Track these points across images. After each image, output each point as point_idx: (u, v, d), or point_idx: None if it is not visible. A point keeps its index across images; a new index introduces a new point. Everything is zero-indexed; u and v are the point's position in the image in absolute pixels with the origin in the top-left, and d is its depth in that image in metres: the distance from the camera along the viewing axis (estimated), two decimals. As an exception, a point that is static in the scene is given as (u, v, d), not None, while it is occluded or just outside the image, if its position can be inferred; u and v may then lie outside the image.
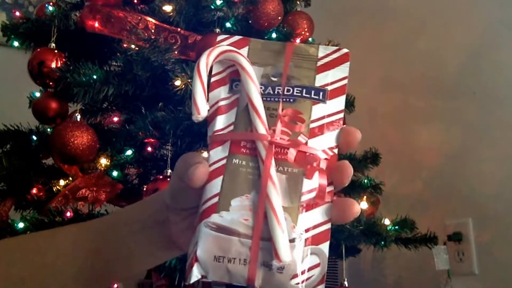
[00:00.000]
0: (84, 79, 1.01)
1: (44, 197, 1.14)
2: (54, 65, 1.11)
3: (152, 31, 1.17)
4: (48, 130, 1.21)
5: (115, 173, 1.15)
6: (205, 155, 0.38)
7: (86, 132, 1.02)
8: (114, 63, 1.19)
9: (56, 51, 1.14)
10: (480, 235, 1.47)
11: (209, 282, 1.16)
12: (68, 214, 1.00)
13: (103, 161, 1.14)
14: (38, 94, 1.18)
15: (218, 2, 1.19)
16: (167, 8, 1.21)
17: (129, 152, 1.20)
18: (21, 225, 0.99)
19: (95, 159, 1.11)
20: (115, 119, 1.29)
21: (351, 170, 0.37)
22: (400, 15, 1.83)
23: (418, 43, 1.74)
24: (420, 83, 1.72)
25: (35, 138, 1.22)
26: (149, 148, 1.24)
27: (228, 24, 1.22)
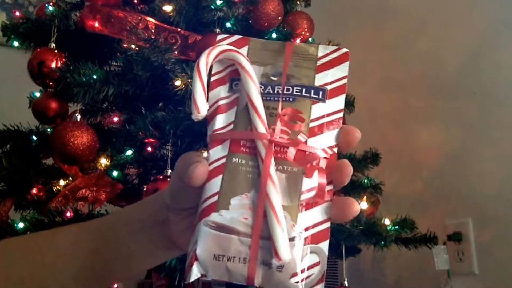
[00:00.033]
0: (84, 79, 1.01)
1: (44, 197, 1.13)
2: (54, 65, 1.11)
3: (152, 31, 1.17)
4: (48, 130, 1.21)
5: (115, 173, 1.15)
6: (205, 155, 0.38)
7: (86, 132, 1.02)
8: (114, 63, 1.19)
9: (56, 51, 1.14)
10: (480, 235, 1.47)
11: (209, 281, 1.16)
12: (68, 214, 1.00)
13: (103, 161, 1.14)
14: (38, 94, 1.18)
15: (218, 2, 1.19)
16: (167, 8, 1.21)
17: (129, 152, 1.20)
18: (21, 225, 0.98)
19: (95, 159, 1.11)
20: (115, 119, 1.29)
21: (350, 169, 0.37)
22: (400, 15, 1.83)
23: (418, 43, 1.74)
24: (420, 83, 1.72)
25: (35, 138, 1.22)
26: (149, 148, 1.24)
27: (228, 24, 1.22)
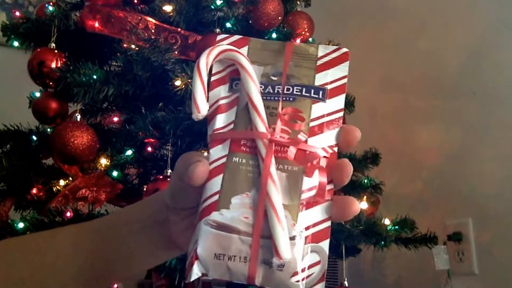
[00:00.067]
0: (84, 79, 1.01)
1: (44, 197, 1.13)
2: (54, 65, 1.11)
3: (152, 31, 1.17)
4: (48, 130, 1.21)
5: (115, 173, 1.15)
6: (205, 155, 0.38)
7: (86, 132, 1.02)
8: (114, 63, 1.19)
9: (56, 51, 1.14)
10: (480, 235, 1.47)
11: (209, 281, 1.16)
12: (68, 214, 1.00)
13: (103, 161, 1.14)
14: (38, 94, 1.18)
15: (218, 2, 1.19)
16: (167, 8, 1.21)
17: (129, 152, 1.20)
18: (21, 225, 0.98)
19: (95, 159, 1.11)
20: (115, 119, 1.29)
21: (351, 168, 0.37)
22: (400, 15, 1.83)
23: (418, 43, 1.74)
24: (420, 83, 1.72)
25: (35, 138, 1.22)
26: (149, 148, 1.24)
27: (228, 24, 1.22)
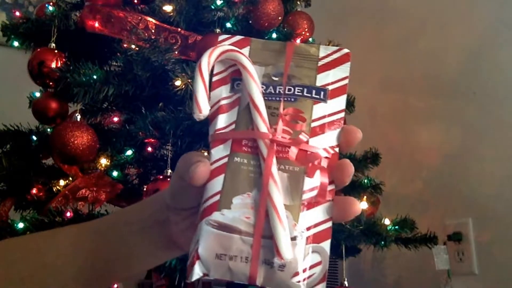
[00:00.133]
0: (84, 79, 1.01)
1: (44, 197, 1.13)
2: (54, 65, 1.11)
3: (152, 31, 1.17)
4: (48, 130, 1.21)
5: (115, 173, 1.15)
6: (205, 155, 0.38)
7: (86, 132, 1.02)
8: (114, 63, 1.19)
9: (56, 51, 1.15)
10: (480, 235, 1.47)
11: (209, 281, 1.16)
12: (68, 214, 1.00)
13: (103, 161, 1.14)
14: (38, 94, 1.18)
15: (219, 2, 1.19)
16: (167, 8, 1.21)
17: (129, 152, 1.20)
18: (21, 225, 0.98)
19: (95, 159, 1.11)
20: (115, 119, 1.29)
21: (352, 169, 0.37)
22: (400, 15, 1.83)
23: (418, 43, 1.74)
24: (420, 83, 1.72)
25: (35, 138, 1.22)
26: (149, 148, 1.24)
27: (228, 24, 1.22)
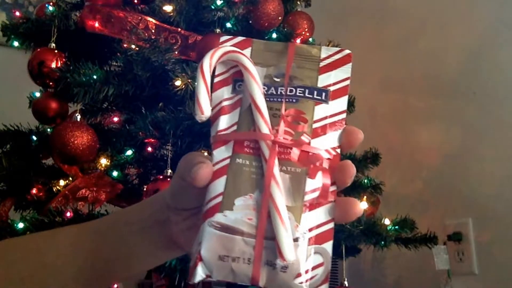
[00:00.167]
0: (84, 79, 1.01)
1: (44, 197, 1.13)
2: (54, 65, 1.11)
3: (153, 31, 1.17)
4: (48, 130, 1.21)
5: (115, 173, 1.15)
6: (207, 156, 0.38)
7: (86, 132, 1.02)
8: (114, 63, 1.19)
9: (56, 51, 1.15)
10: (480, 235, 1.47)
11: (209, 281, 1.16)
12: (68, 214, 1.00)
13: (103, 161, 1.14)
14: (38, 94, 1.18)
15: (219, 2, 1.18)
16: (168, 8, 1.21)
17: (129, 152, 1.19)
18: (21, 225, 0.98)
19: (95, 159, 1.11)
20: (115, 119, 1.29)
21: (354, 170, 0.37)
22: (400, 15, 1.83)
23: (418, 43, 1.74)
24: (420, 83, 1.72)
25: (35, 138, 1.22)
26: (149, 148, 1.24)
27: (228, 24, 1.22)
